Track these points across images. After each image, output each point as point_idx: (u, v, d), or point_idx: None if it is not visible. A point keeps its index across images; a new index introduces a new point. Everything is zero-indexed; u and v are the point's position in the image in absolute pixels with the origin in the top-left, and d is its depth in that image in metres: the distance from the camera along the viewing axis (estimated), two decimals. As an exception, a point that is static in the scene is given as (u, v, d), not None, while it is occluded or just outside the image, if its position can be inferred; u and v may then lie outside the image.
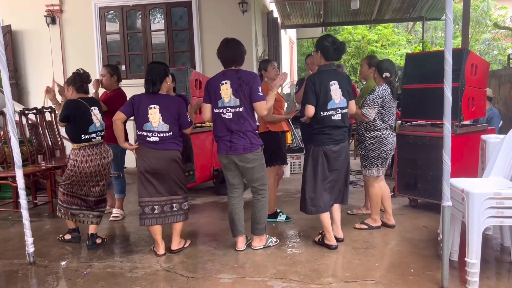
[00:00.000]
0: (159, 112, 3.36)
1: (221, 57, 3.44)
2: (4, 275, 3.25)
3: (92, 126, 3.64)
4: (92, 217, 3.74)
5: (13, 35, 8.20)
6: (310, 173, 3.47)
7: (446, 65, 2.65)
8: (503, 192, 2.71)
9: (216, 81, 3.39)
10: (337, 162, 3.47)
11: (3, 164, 5.15)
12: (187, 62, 7.86)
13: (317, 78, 3.42)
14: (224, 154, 3.40)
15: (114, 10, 8.04)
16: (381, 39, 17.11)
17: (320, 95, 3.37)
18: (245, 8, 7.47)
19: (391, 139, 3.88)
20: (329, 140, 3.41)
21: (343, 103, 3.44)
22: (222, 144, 3.40)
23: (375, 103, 3.75)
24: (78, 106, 3.61)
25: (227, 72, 3.41)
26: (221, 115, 3.37)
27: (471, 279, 2.72)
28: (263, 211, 3.51)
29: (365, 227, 3.94)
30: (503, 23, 16.23)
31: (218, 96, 3.36)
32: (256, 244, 3.54)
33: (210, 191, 5.73)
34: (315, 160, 3.45)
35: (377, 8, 10.70)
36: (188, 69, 5.45)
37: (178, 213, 3.49)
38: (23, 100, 8.23)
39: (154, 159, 3.37)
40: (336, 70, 3.54)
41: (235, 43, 3.43)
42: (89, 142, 3.63)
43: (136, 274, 3.17)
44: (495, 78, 7.71)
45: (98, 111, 3.72)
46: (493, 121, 5.52)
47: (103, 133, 3.76)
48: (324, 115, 3.39)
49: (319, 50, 3.48)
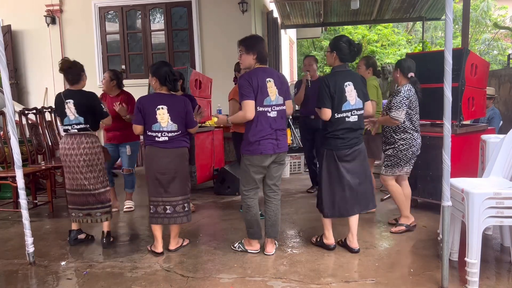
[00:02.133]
0: (167, 112, 3.37)
1: (262, 53, 3.31)
2: (4, 275, 3.25)
3: (66, 119, 3.64)
4: (100, 215, 3.71)
5: (13, 35, 8.21)
6: (326, 177, 3.39)
7: (446, 65, 2.65)
8: (503, 192, 2.71)
9: (261, 78, 3.24)
10: (354, 165, 3.35)
11: (3, 164, 5.15)
12: (187, 62, 7.87)
13: (331, 80, 3.31)
14: (270, 153, 3.27)
15: (114, 10, 8.05)
16: (381, 39, 17.11)
17: (334, 96, 3.27)
18: (245, 8, 7.48)
19: (419, 140, 3.83)
20: (342, 144, 3.31)
21: (359, 104, 3.33)
22: (268, 143, 3.25)
23: (403, 105, 3.66)
24: (57, 98, 3.72)
25: (267, 69, 3.35)
26: (266, 113, 3.25)
27: (471, 279, 2.72)
28: (279, 213, 3.49)
29: (403, 229, 3.81)
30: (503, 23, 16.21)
31: (265, 94, 3.24)
32: (270, 249, 3.44)
33: (210, 191, 5.73)
34: (329, 164, 3.37)
35: (377, 8, 10.71)
36: (188, 69, 5.44)
37: (188, 213, 3.54)
38: (23, 100, 8.23)
39: (165, 159, 3.39)
40: (350, 71, 3.43)
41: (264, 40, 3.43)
42: (66, 132, 3.67)
43: (136, 274, 3.17)
44: (495, 78, 7.72)
45: (73, 104, 3.61)
46: (493, 121, 5.53)
47: (80, 126, 3.63)
48: (339, 117, 3.29)
49: (335, 51, 3.36)
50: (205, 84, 5.84)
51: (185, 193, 3.50)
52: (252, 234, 3.44)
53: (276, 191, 3.44)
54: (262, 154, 3.26)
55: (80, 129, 3.64)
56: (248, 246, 3.48)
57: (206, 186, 5.97)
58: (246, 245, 3.50)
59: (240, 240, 3.58)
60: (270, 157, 3.29)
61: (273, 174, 3.39)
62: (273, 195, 3.44)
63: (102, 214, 3.72)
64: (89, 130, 3.66)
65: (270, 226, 3.42)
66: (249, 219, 3.42)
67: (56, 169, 5.09)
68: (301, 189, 5.70)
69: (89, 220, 3.73)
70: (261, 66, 3.33)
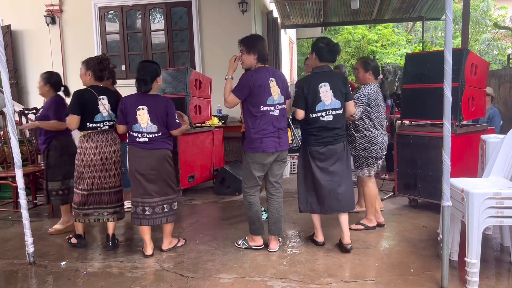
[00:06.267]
0: (147, 113, 3.35)
1: (263, 52, 3.36)
2: (4, 275, 3.25)
3: (98, 116, 3.55)
4: (108, 215, 3.63)
5: (13, 35, 8.20)
6: (301, 172, 3.53)
7: (446, 65, 2.65)
8: (503, 192, 2.71)
9: (264, 77, 3.31)
10: (328, 164, 3.40)
11: (3, 164, 5.16)
12: (186, 62, 7.86)
13: (304, 82, 3.46)
14: (272, 151, 3.34)
15: (114, 10, 8.04)
16: (381, 39, 17.10)
17: (308, 97, 3.38)
18: (245, 8, 7.47)
19: (381, 138, 3.91)
20: (315, 141, 3.40)
21: (335, 104, 3.39)
22: (270, 141, 3.32)
23: (360, 102, 3.81)
24: (84, 94, 3.56)
25: (269, 69, 3.41)
26: (269, 112, 3.32)
27: (471, 279, 2.72)
28: (282, 210, 3.54)
29: (361, 228, 3.94)
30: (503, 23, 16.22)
31: (268, 93, 3.31)
32: (274, 246, 3.50)
33: (210, 191, 5.73)
34: (304, 160, 3.50)
35: (377, 8, 10.71)
36: (188, 69, 5.44)
37: (169, 214, 3.49)
38: (23, 100, 8.23)
39: (144, 159, 3.37)
40: (330, 71, 3.50)
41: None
42: (95, 130, 3.56)
43: (136, 274, 3.17)
44: (495, 78, 7.72)
45: (107, 101, 3.59)
46: (494, 120, 5.52)
47: (112, 123, 3.63)
48: (313, 116, 3.38)
49: (314, 52, 3.49)
50: (205, 84, 5.84)
51: (165, 194, 3.46)
52: (254, 230, 3.50)
53: (278, 188, 3.51)
54: (264, 152, 3.31)
55: (111, 126, 3.63)
56: (252, 242, 3.54)
57: (206, 186, 5.97)
58: (250, 241, 3.55)
59: (243, 238, 3.62)
60: (272, 155, 3.35)
61: (275, 172, 3.46)
62: (276, 192, 3.50)
63: (109, 215, 3.63)
64: (114, 127, 3.65)
65: (273, 223, 3.49)
66: (251, 216, 3.47)
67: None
68: (301, 189, 5.70)
69: (91, 220, 3.64)
70: (263, 65, 3.37)
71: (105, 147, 3.56)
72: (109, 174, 3.60)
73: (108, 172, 3.60)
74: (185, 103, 5.24)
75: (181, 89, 5.29)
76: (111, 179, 3.62)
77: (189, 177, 5.45)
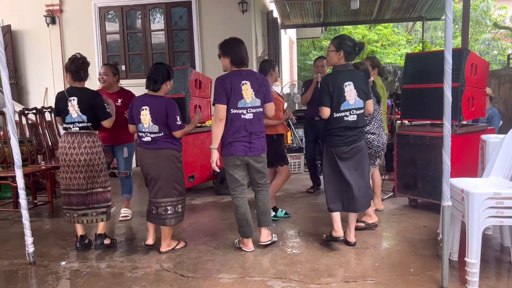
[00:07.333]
0: (149, 113, 3.41)
1: (237, 56, 3.37)
2: (4, 275, 3.25)
3: (68, 117, 3.54)
4: (96, 215, 3.64)
5: (13, 35, 8.20)
6: (327, 173, 3.51)
7: (446, 65, 2.65)
8: (503, 192, 2.71)
9: (235, 80, 3.32)
10: (354, 162, 3.41)
11: (3, 164, 5.15)
12: (186, 62, 7.87)
13: (331, 79, 3.38)
14: (241, 156, 3.35)
15: (114, 10, 8.05)
16: (381, 39, 17.13)
17: (333, 96, 3.33)
18: (245, 8, 7.48)
19: (376, 142, 4.01)
20: (340, 141, 3.37)
21: (358, 104, 3.38)
22: (240, 145, 3.32)
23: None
24: (59, 95, 3.64)
25: (243, 72, 3.38)
26: (240, 115, 3.32)
27: (471, 279, 2.72)
28: (269, 202, 3.58)
29: (362, 225, 3.90)
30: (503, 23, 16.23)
31: (239, 96, 3.30)
32: (265, 238, 3.53)
33: (210, 191, 5.73)
34: (329, 160, 3.47)
35: (377, 8, 10.71)
36: (188, 69, 5.44)
37: (172, 216, 3.49)
38: (23, 100, 8.23)
39: (148, 159, 3.46)
40: (352, 70, 3.47)
41: (243, 43, 3.44)
42: (66, 131, 3.60)
43: (136, 274, 3.17)
44: (495, 78, 7.71)
45: (76, 102, 3.53)
46: (493, 120, 5.52)
47: (82, 125, 3.54)
48: (337, 116, 3.36)
49: (341, 50, 3.39)
50: (205, 84, 5.84)
51: (169, 195, 3.47)
52: (243, 233, 3.51)
53: (263, 189, 3.55)
54: (233, 156, 3.36)
55: (82, 128, 3.55)
56: (243, 245, 3.56)
57: (206, 186, 5.97)
58: (241, 244, 3.57)
59: (239, 238, 3.63)
60: (242, 158, 3.37)
61: (257, 176, 3.49)
62: (260, 188, 3.56)
63: (98, 215, 3.64)
64: (90, 129, 3.57)
65: (262, 215, 3.54)
66: (238, 218, 3.49)
67: (56, 169, 5.09)
68: (301, 189, 5.70)
69: (84, 220, 3.62)
70: (237, 68, 3.38)
71: (68, 149, 3.52)
72: (84, 176, 3.55)
73: (82, 174, 3.55)
74: (185, 103, 5.24)
75: (181, 89, 5.28)
76: (87, 181, 3.57)
77: (189, 177, 5.44)
